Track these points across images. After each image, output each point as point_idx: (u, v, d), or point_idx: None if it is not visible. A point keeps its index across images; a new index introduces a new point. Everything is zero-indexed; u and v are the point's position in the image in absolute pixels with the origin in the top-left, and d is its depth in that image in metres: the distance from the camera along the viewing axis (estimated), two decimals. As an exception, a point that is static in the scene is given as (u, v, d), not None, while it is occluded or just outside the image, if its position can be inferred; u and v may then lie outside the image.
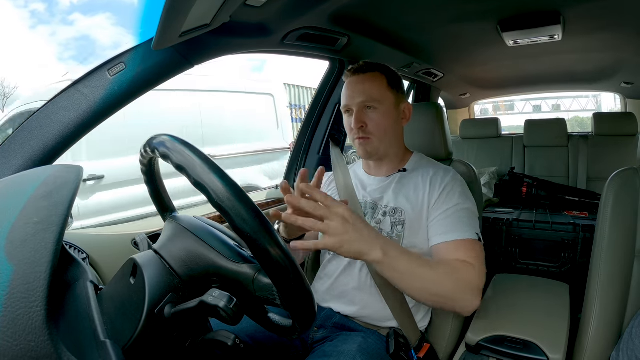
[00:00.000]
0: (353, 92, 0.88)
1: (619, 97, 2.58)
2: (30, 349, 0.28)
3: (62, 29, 32.00)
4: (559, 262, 1.59)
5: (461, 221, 0.78)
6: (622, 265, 0.78)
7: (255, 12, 0.87)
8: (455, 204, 0.81)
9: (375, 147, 0.89)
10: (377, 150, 0.89)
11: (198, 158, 0.43)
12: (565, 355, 0.78)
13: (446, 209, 0.81)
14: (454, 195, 0.82)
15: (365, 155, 0.91)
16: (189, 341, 0.49)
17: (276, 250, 0.42)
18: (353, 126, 0.87)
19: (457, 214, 0.80)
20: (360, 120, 0.86)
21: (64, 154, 0.71)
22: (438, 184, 0.85)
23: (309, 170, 0.71)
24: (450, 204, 0.81)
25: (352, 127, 0.87)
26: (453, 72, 2.03)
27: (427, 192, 0.85)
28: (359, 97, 0.86)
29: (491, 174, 2.18)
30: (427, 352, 0.84)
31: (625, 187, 0.80)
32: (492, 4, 1.15)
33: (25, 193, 0.36)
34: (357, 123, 0.86)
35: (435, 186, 0.84)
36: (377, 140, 0.88)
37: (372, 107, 0.86)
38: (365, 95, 0.86)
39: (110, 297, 0.47)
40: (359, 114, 0.86)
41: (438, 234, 0.79)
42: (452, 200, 0.81)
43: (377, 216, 0.88)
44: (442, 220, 0.80)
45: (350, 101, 0.88)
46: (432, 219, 0.82)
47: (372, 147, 0.88)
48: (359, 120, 0.86)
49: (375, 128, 0.87)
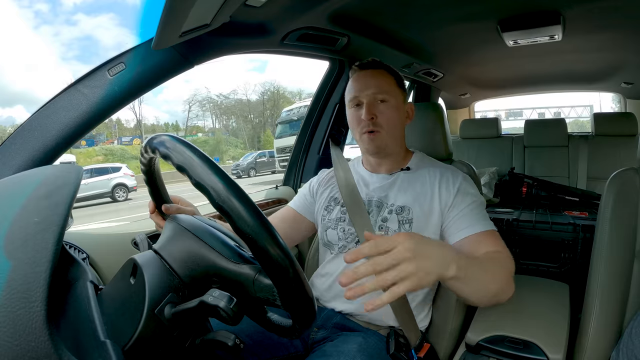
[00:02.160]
0: (364, 84, 0.87)
1: (615, 107, 2.59)
2: (30, 349, 0.28)
3: (65, 29, 32.11)
4: (559, 262, 1.59)
5: (480, 215, 0.81)
6: (622, 265, 0.78)
7: (255, 12, 0.87)
8: (472, 201, 0.83)
9: (385, 142, 0.88)
10: (385, 145, 0.89)
11: (198, 158, 0.43)
12: (565, 355, 0.78)
13: (464, 207, 0.82)
14: (468, 194, 0.84)
15: (373, 150, 0.90)
16: (189, 341, 0.49)
17: (276, 251, 0.42)
18: (364, 117, 0.85)
19: (476, 210, 0.82)
20: (371, 112, 0.85)
21: (63, 153, 0.71)
22: (451, 185, 0.85)
23: (309, 170, 0.71)
24: (467, 201, 0.83)
25: (363, 118, 0.85)
26: (453, 72, 2.03)
27: (437, 193, 0.85)
28: (370, 89, 0.86)
29: (491, 174, 2.18)
30: (427, 352, 0.84)
31: (625, 187, 0.80)
32: (492, 4, 1.15)
33: (25, 193, 0.36)
34: (368, 114, 0.85)
35: (448, 188, 0.85)
36: (387, 134, 0.87)
37: (383, 100, 0.86)
38: (377, 87, 0.86)
39: (110, 297, 0.47)
40: (370, 105, 0.85)
41: (461, 229, 0.80)
42: (467, 198, 0.83)
43: (383, 214, 0.87)
44: (462, 217, 0.81)
45: (361, 93, 0.87)
46: (451, 219, 0.82)
47: (381, 141, 0.87)
48: (370, 112, 0.85)
49: (385, 121, 0.86)
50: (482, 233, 0.78)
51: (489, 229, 0.79)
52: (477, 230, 0.78)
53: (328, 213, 0.94)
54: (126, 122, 28.56)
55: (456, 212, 0.82)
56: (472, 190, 0.85)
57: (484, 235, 0.78)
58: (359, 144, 0.93)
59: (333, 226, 0.92)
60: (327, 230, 0.93)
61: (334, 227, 0.91)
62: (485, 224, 0.80)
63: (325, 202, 0.97)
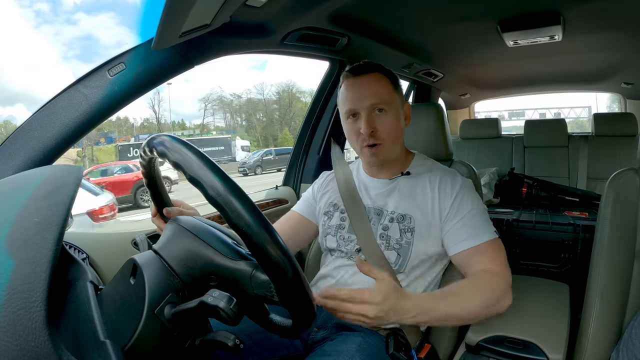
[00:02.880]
0: (360, 94, 0.82)
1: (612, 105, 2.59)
2: (30, 349, 0.28)
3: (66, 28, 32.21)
4: (559, 262, 1.59)
5: (477, 225, 0.80)
6: (622, 266, 0.78)
7: (255, 12, 0.87)
8: (470, 210, 0.81)
9: (388, 154, 0.85)
10: (389, 156, 0.87)
11: (194, 155, 0.43)
12: (565, 355, 0.78)
13: (462, 216, 0.81)
14: (467, 202, 0.83)
15: (376, 163, 0.87)
16: (189, 341, 0.49)
17: (273, 247, 0.42)
18: (363, 131, 0.80)
19: (473, 220, 0.80)
20: (371, 125, 0.81)
21: (64, 153, 0.71)
22: (449, 191, 0.84)
23: (309, 170, 0.71)
24: (465, 210, 0.81)
25: (362, 132, 0.81)
26: (453, 72, 2.03)
27: (436, 199, 0.84)
28: (368, 99, 0.81)
29: (491, 174, 2.18)
30: (427, 353, 0.84)
31: (625, 187, 0.80)
32: (492, 4, 1.15)
33: (25, 193, 0.36)
34: (368, 128, 0.80)
35: (446, 194, 0.84)
36: (389, 145, 0.84)
37: (382, 109, 0.82)
38: (376, 97, 0.81)
39: (110, 297, 0.47)
40: (370, 118, 0.81)
41: (458, 242, 0.80)
42: (466, 206, 0.82)
43: (383, 222, 0.86)
44: (459, 228, 0.80)
45: (358, 104, 0.82)
46: (449, 229, 0.82)
47: (384, 154, 0.84)
48: (370, 125, 0.80)
49: (386, 133, 0.82)
50: (479, 246, 0.78)
51: (488, 240, 0.78)
52: (475, 243, 0.78)
53: (328, 219, 0.94)
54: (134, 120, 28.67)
55: (455, 220, 0.81)
56: (471, 197, 0.84)
57: (478, 249, 0.78)
58: (360, 157, 0.91)
59: (333, 233, 0.91)
60: (326, 237, 0.92)
61: (334, 234, 0.91)
62: (484, 234, 0.79)
63: (325, 207, 0.96)
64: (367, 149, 0.84)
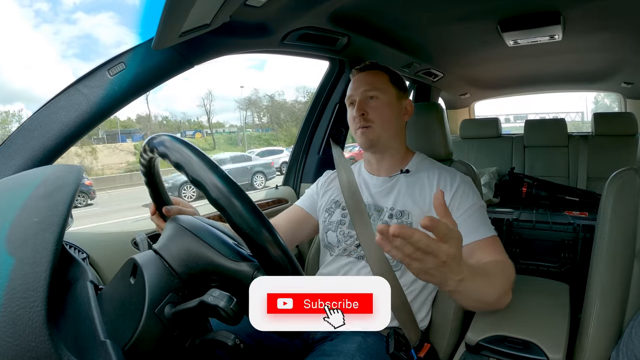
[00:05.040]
0: (358, 84, 0.92)
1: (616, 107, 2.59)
2: (30, 348, 0.28)
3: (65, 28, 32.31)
4: (559, 262, 1.59)
5: (480, 220, 0.81)
6: (622, 265, 0.78)
7: (255, 12, 0.87)
8: (472, 204, 0.82)
9: (377, 135, 0.89)
10: (378, 138, 0.90)
11: (196, 156, 0.43)
12: (565, 355, 0.78)
13: (463, 211, 0.81)
14: (468, 197, 0.83)
15: (366, 144, 0.91)
16: (189, 341, 0.49)
17: (274, 247, 0.42)
18: (355, 113, 0.89)
19: (475, 215, 0.81)
20: (361, 108, 0.89)
21: (64, 153, 0.71)
22: (448, 187, 0.85)
23: (309, 170, 0.71)
24: (467, 205, 0.82)
25: (354, 115, 0.89)
26: (453, 72, 2.03)
27: None
28: (362, 87, 0.90)
29: (491, 174, 2.18)
30: (427, 352, 0.84)
31: (625, 187, 0.80)
32: (492, 4, 1.15)
33: (25, 193, 0.36)
34: (358, 110, 0.88)
35: (445, 190, 0.84)
36: (379, 128, 0.89)
37: (374, 96, 0.89)
38: (369, 85, 0.90)
39: (110, 297, 0.47)
40: (361, 102, 0.89)
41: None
42: (467, 201, 0.83)
43: (383, 218, 0.88)
44: (461, 222, 0.80)
45: (354, 92, 0.91)
46: None
47: (373, 134, 0.89)
48: (360, 108, 0.89)
49: (376, 116, 0.89)
50: (480, 241, 0.78)
51: (488, 236, 0.78)
52: (475, 238, 0.78)
53: (329, 215, 0.95)
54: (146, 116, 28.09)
55: (456, 215, 0.81)
56: (470, 194, 0.85)
57: (483, 244, 0.77)
58: (357, 142, 0.94)
59: (333, 229, 0.92)
60: (327, 232, 0.93)
61: (335, 229, 0.92)
62: (484, 230, 0.79)
63: (327, 204, 0.97)
64: (359, 130, 0.90)
